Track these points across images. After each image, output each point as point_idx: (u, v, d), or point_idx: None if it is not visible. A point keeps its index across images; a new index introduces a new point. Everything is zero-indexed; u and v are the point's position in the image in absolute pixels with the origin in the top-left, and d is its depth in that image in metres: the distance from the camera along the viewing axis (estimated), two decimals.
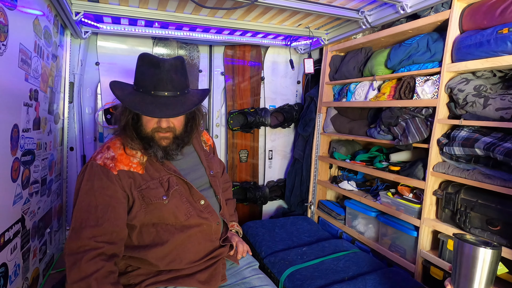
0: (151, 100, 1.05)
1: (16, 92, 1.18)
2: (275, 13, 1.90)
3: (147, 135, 1.10)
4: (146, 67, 1.07)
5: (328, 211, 2.33)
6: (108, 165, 1.07)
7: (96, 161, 1.08)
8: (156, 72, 1.06)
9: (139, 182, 1.09)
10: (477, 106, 1.38)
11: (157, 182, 1.11)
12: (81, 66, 2.08)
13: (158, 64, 1.05)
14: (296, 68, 2.71)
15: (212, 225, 1.19)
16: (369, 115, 2.09)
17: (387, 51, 1.88)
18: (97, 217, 1.02)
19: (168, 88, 1.06)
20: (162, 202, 1.09)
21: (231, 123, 2.53)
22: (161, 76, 1.05)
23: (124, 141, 1.12)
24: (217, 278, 1.15)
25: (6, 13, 1.04)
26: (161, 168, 1.13)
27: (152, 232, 1.11)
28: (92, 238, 0.99)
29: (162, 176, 1.13)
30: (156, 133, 1.10)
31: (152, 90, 1.06)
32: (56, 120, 1.83)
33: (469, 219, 1.41)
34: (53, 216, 1.79)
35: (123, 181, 1.07)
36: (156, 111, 1.03)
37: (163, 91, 1.06)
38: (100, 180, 1.05)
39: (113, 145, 1.13)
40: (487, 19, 1.35)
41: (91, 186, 1.05)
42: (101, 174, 1.05)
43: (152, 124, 1.09)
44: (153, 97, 1.05)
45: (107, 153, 1.10)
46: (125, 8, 1.77)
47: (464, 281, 0.84)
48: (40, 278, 1.57)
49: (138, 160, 1.12)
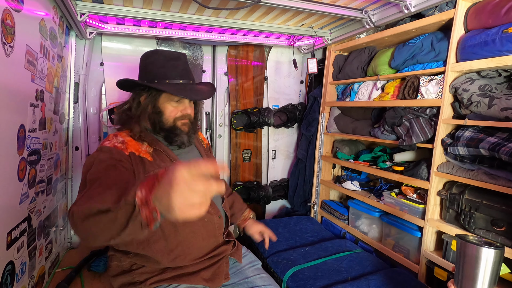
0: (182, 87, 1.17)
1: (22, 93, 1.19)
2: (278, 13, 1.90)
3: (170, 125, 1.17)
4: (167, 60, 1.18)
5: (331, 211, 2.33)
6: (119, 147, 1.09)
7: (106, 145, 1.09)
8: (179, 63, 1.19)
9: (148, 168, 1.11)
10: (482, 106, 1.37)
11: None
12: (86, 66, 2.09)
13: (179, 57, 1.21)
14: (300, 68, 2.70)
15: (214, 219, 1.20)
16: (373, 115, 2.08)
17: (391, 51, 1.87)
18: (108, 184, 0.90)
19: (190, 77, 1.22)
20: None
21: (235, 122, 2.54)
22: (184, 66, 1.21)
23: (131, 134, 1.16)
24: (221, 276, 1.16)
25: (13, 15, 1.05)
26: (167, 158, 1.17)
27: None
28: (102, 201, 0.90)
29: (168, 166, 1.14)
30: (179, 121, 1.18)
31: (180, 79, 1.18)
32: (62, 120, 1.85)
33: (473, 220, 1.40)
34: (58, 215, 1.81)
35: (133, 162, 1.08)
36: (191, 94, 1.17)
37: (188, 79, 1.20)
38: (112, 157, 1.04)
39: (120, 134, 1.16)
40: (492, 19, 1.34)
41: (100, 159, 1.02)
42: (114, 152, 1.06)
43: (175, 113, 1.18)
44: (182, 85, 1.17)
45: (116, 139, 1.12)
46: (129, 8, 1.78)
47: (467, 281, 0.84)
48: (46, 276, 1.59)
49: (145, 149, 1.15)
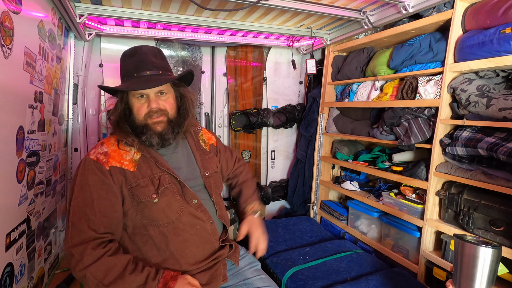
0: (135, 80, 1.10)
1: (21, 95, 1.19)
2: (277, 14, 1.91)
3: (141, 124, 1.11)
4: (127, 58, 1.14)
5: (330, 212, 2.33)
6: (101, 160, 1.08)
7: (90, 156, 1.09)
8: (136, 57, 1.12)
9: (130, 180, 1.08)
10: (480, 106, 1.37)
11: (148, 180, 1.10)
12: (85, 68, 2.10)
13: (136, 50, 1.13)
14: (299, 68, 2.71)
15: (207, 225, 1.16)
16: (372, 115, 2.09)
17: (389, 51, 1.87)
18: (94, 210, 1.02)
19: (149, 67, 1.11)
20: (152, 201, 1.08)
21: (234, 123, 2.54)
22: (141, 58, 1.11)
23: (118, 138, 1.14)
24: (218, 279, 1.14)
25: (12, 17, 1.06)
26: (154, 165, 1.13)
27: (144, 234, 1.09)
28: (93, 230, 1.01)
29: (154, 174, 1.11)
30: (149, 118, 1.11)
31: (135, 72, 1.10)
32: (61, 122, 1.85)
33: (472, 220, 1.40)
34: (57, 217, 1.81)
35: (114, 177, 1.07)
36: (139, 85, 1.08)
37: (145, 71, 1.10)
38: (94, 175, 1.06)
39: (107, 141, 1.14)
40: (489, 19, 1.34)
41: (86, 181, 1.05)
42: (95, 169, 1.06)
43: (143, 110, 1.11)
44: (137, 78, 1.10)
45: (101, 149, 1.11)
46: (128, 10, 1.78)
47: (465, 281, 0.84)
48: (45, 278, 1.59)
49: (131, 157, 1.12)
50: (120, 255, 1.02)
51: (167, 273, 1.03)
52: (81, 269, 0.96)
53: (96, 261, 0.97)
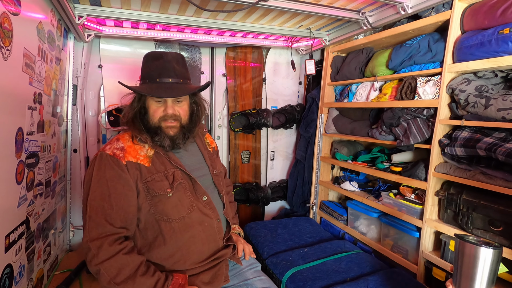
0: (157, 86, 1.13)
1: (20, 96, 1.19)
2: (276, 14, 1.91)
3: (155, 125, 1.15)
4: (151, 61, 1.17)
5: (330, 212, 2.33)
6: (117, 155, 1.10)
7: (106, 151, 1.11)
8: (160, 62, 1.15)
9: (145, 175, 1.12)
10: (478, 106, 1.38)
11: (162, 175, 1.14)
12: (84, 69, 2.10)
13: (161, 56, 1.16)
14: (298, 69, 2.71)
15: (214, 222, 1.20)
16: (371, 115, 2.09)
17: (388, 52, 1.88)
18: (112, 204, 1.05)
19: (171, 75, 1.15)
20: (166, 195, 1.12)
21: (233, 124, 2.54)
22: (164, 65, 1.16)
23: (133, 134, 1.17)
24: (220, 279, 1.16)
25: (11, 18, 1.06)
26: (167, 162, 1.17)
27: (156, 229, 1.13)
28: (110, 224, 1.03)
29: (167, 170, 1.16)
30: (163, 122, 1.15)
31: (157, 77, 1.14)
32: (60, 123, 1.85)
33: (471, 220, 1.41)
34: (57, 218, 1.81)
35: (131, 172, 1.10)
36: (162, 92, 1.12)
37: (167, 78, 1.15)
38: (111, 169, 1.08)
39: (122, 137, 1.17)
40: (488, 20, 1.35)
41: (103, 175, 1.08)
42: (112, 163, 1.09)
43: (159, 113, 1.15)
44: (159, 83, 1.14)
45: (117, 144, 1.14)
46: (127, 11, 1.79)
47: (465, 281, 0.84)
48: (45, 279, 1.59)
49: (145, 153, 1.15)
50: (134, 254, 1.04)
51: (176, 281, 1.06)
52: (96, 264, 0.99)
53: (111, 257, 0.99)
